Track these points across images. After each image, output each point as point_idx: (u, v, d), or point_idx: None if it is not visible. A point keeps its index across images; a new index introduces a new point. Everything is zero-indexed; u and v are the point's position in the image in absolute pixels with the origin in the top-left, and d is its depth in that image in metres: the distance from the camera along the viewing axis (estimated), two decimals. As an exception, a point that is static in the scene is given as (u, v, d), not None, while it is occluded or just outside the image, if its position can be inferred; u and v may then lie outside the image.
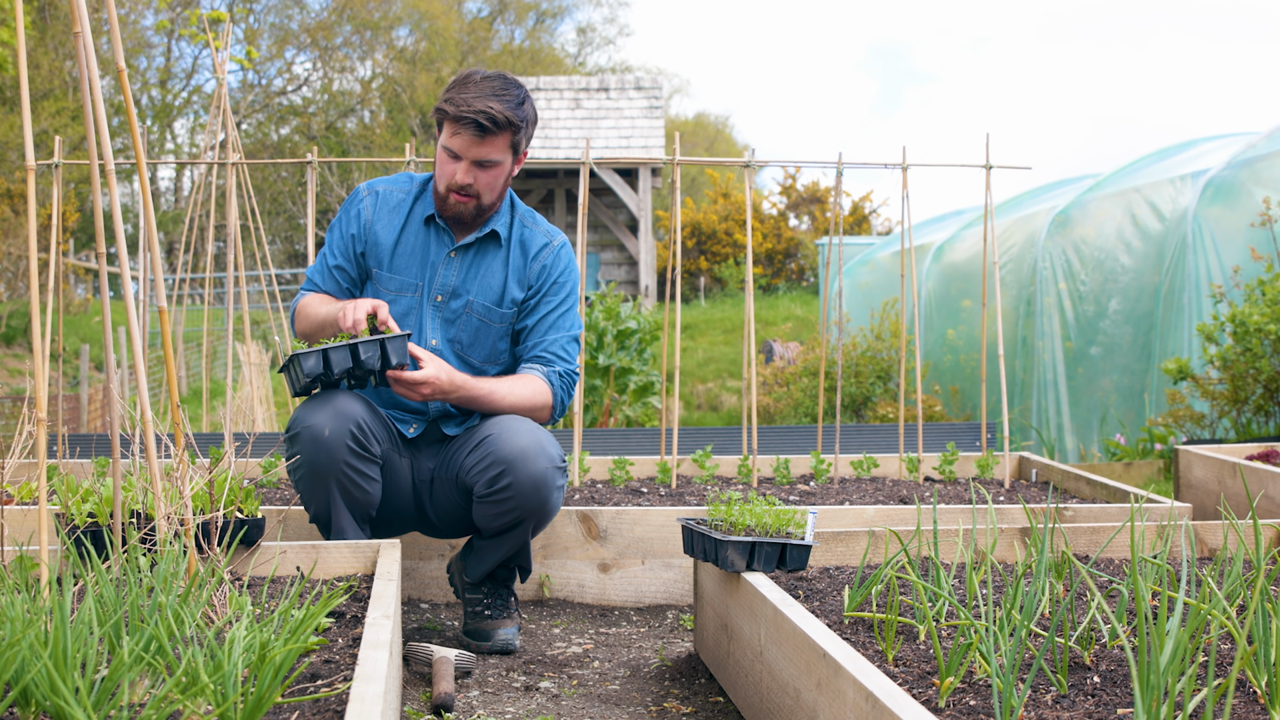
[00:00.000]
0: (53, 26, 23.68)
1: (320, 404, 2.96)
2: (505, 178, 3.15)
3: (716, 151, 36.53)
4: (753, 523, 2.60)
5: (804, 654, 2.03)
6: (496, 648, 3.06)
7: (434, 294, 3.19)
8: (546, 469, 2.95)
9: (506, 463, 2.93)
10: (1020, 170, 4.56)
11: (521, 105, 3.08)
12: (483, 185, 3.10)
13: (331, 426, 2.92)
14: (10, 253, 19.08)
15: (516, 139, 3.09)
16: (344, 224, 3.26)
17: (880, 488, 4.30)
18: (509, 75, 3.14)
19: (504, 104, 3.03)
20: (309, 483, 2.96)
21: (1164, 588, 2.11)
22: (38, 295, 2.23)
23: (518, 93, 3.08)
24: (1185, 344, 7.69)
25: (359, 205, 3.26)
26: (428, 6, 31.11)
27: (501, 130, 3.03)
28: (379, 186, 3.28)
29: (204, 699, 1.61)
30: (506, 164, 3.12)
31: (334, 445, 2.91)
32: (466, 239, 3.21)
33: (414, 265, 3.20)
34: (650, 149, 20.46)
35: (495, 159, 3.08)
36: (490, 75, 3.10)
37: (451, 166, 3.09)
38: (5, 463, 2.46)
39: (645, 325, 9.04)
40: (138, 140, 2.17)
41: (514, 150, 3.11)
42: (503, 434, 2.98)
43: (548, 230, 3.31)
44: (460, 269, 3.20)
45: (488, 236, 3.21)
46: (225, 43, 5.83)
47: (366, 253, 3.23)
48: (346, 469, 2.94)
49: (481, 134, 3.02)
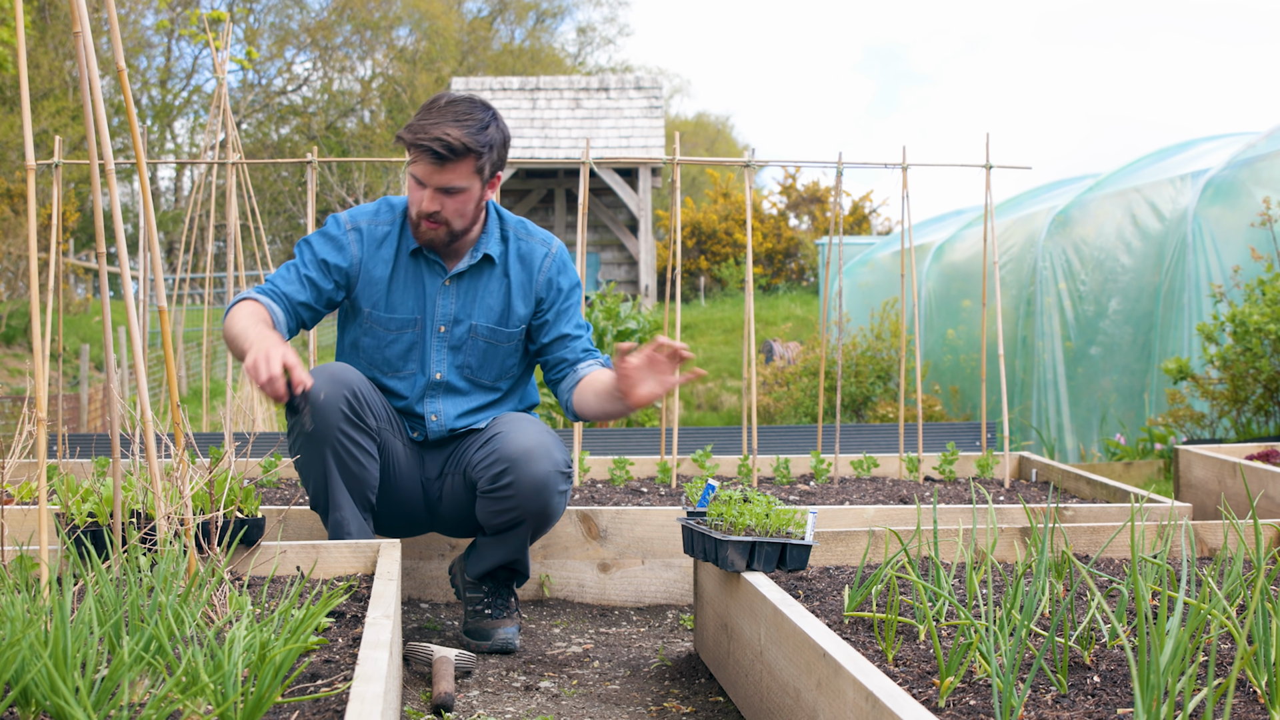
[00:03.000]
0: (53, 26, 23.68)
1: (319, 372, 3.00)
2: (475, 202, 3.07)
3: (716, 151, 36.53)
4: (753, 522, 2.60)
5: (804, 654, 2.03)
6: (496, 647, 3.06)
7: (437, 325, 3.16)
8: (549, 471, 2.95)
9: (510, 460, 2.94)
10: (1020, 170, 4.57)
11: (484, 130, 3.00)
12: (450, 212, 3.04)
13: (327, 391, 2.95)
14: (10, 252, 19.08)
15: (480, 164, 3.01)
16: (324, 249, 3.15)
17: (880, 487, 4.30)
18: (477, 99, 3.07)
19: (464, 130, 2.96)
20: (306, 453, 2.97)
21: (1164, 587, 2.11)
22: (38, 295, 2.23)
23: (482, 116, 3.01)
24: (1185, 344, 7.69)
25: (344, 238, 3.16)
26: (428, 6, 31.11)
27: (460, 157, 2.96)
28: (361, 223, 3.18)
29: (204, 699, 1.61)
30: (474, 189, 3.04)
31: (329, 410, 2.94)
32: (459, 267, 3.16)
33: (410, 300, 3.16)
34: (650, 149, 20.47)
35: (459, 185, 3.01)
36: (457, 99, 3.04)
37: (419, 193, 3.03)
38: (5, 462, 2.46)
39: (645, 325, 9.05)
40: (138, 140, 2.17)
41: (481, 174, 3.04)
42: (510, 432, 3.00)
43: (544, 238, 3.28)
44: (458, 296, 3.17)
45: (481, 262, 3.17)
46: (225, 43, 5.83)
47: (359, 292, 3.17)
48: (341, 436, 2.95)
49: (440, 161, 2.96)
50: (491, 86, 21.84)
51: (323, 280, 3.13)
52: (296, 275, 3.13)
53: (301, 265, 3.14)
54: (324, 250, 3.15)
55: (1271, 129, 8.04)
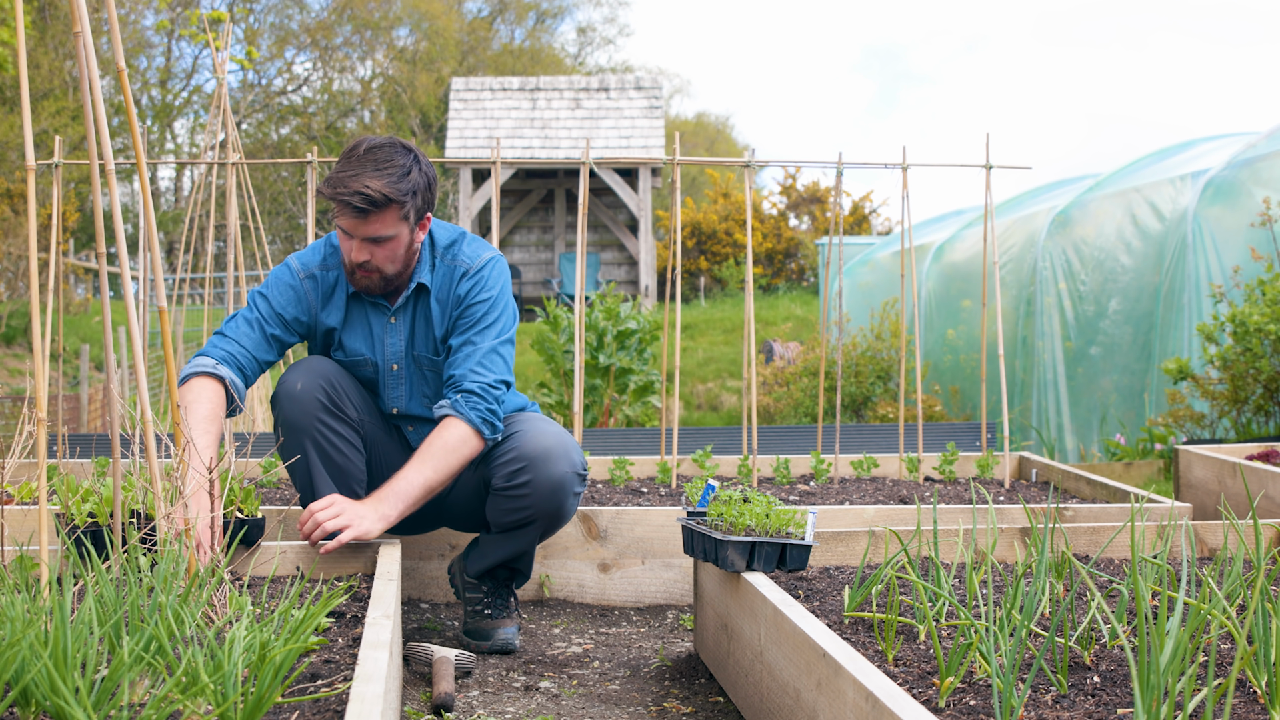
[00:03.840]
0: (53, 26, 23.68)
1: (298, 365, 3.05)
2: (406, 247, 3.01)
3: (716, 151, 36.53)
4: (753, 523, 2.60)
5: (804, 654, 2.03)
6: (496, 647, 3.06)
7: (389, 364, 3.14)
8: (567, 473, 2.96)
9: (528, 459, 2.94)
10: (1020, 170, 4.57)
11: (406, 177, 2.92)
12: (381, 259, 2.98)
13: (304, 382, 2.98)
14: (10, 253, 19.08)
15: (404, 211, 2.94)
16: (285, 304, 3.11)
17: (880, 488, 4.30)
18: (398, 143, 2.98)
19: (383, 180, 2.89)
20: (288, 444, 3.00)
21: (1164, 588, 2.11)
22: (38, 295, 2.23)
23: (403, 163, 2.93)
24: (1185, 344, 7.69)
25: (300, 288, 3.13)
26: (428, 6, 31.11)
27: (382, 208, 2.90)
28: (314, 270, 3.15)
29: (204, 699, 1.61)
30: (402, 235, 2.98)
31: (305, 400, 2.96)
32: (398, 301, 3.12)
33: (360, 342, 3.14)
34: (650, 149, 20.46)
35: (386, 234, 2.94)
36: (376, 145, 2.95)
37: (348, 243, 2.99)
38: (5, 463, 2.46)
39: (645, 325, 9.04)
40: (138, 140, 2.17)
41: (407, 220, 2.97)
42: (530, 432, 3.00)
43: (469, 256, 3.13)
44: (403, 330, 3.13)
45: (415, 291, 3.12)
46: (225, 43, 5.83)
47: (319, 339, 3.16)
48: (320, 425, 2.97)
49: (361, 215, 2.90)
50: (491, 86, 21.83)
51: (287, 336, 3.12)
52: (262, 335, 3.08)
53: (265, 322, 3.09)
54: (284, 304, 3.12)
55: (1271, 129, 8.04)
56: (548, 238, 23.05)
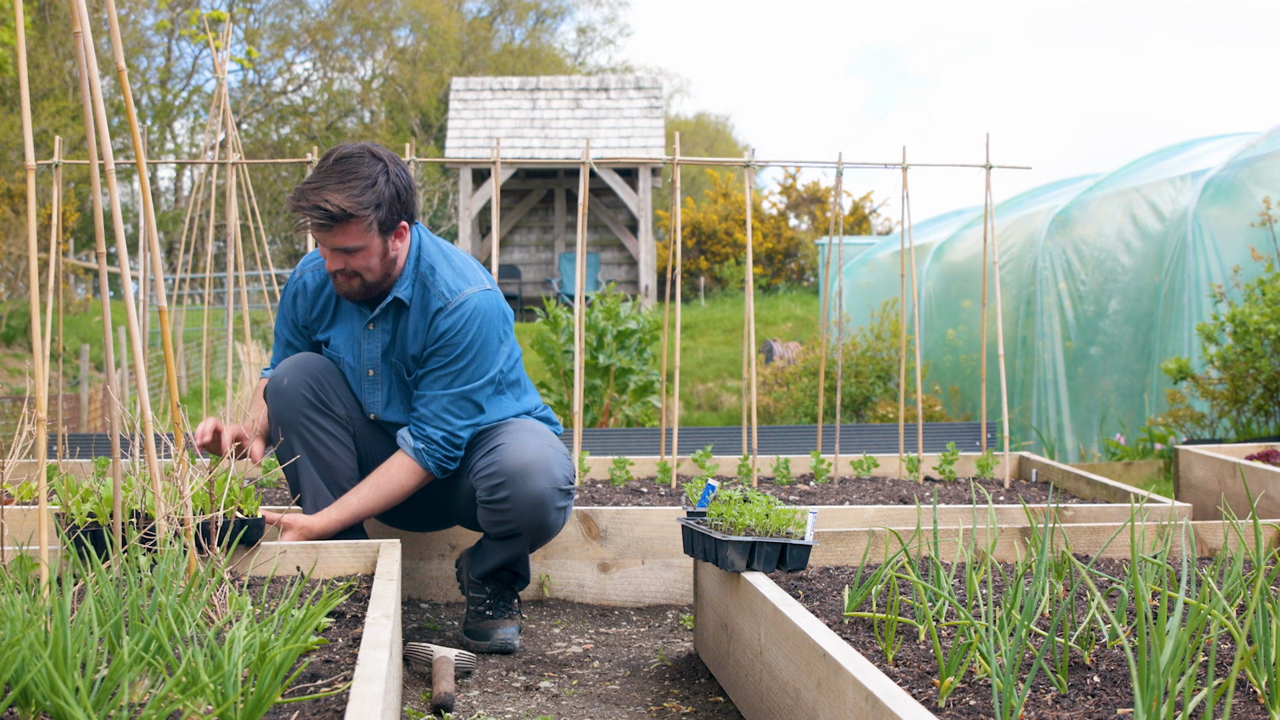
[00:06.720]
0: (53, 26, 23.68)
1: (288, 360, 3.11)
2: (380, 255, 2.97)
3: (716, 151, 36.53)
4: (753, 523, 2.60)
5: (804, 654, 2.03)
6: (496, 647, 3.06)
7: (365, 368, 3.15)
8: (546, 489, 2.93)
9: (507, 475, 2.92)
10: (1020, 170, 4.57)
11: (371, 188, 2.86)
12: (356, 266, 2.96)
13: (290, 377, 3.05)
14: (10, 253, 19.09)
15: (367, 223, 2.88)
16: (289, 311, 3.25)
17: (880, 488, 4.30)
18: (369, 151, 2.93)
19: (345, 194, 2.84)
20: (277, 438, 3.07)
21: (1164, 588, 2.11)
22: (38, 295, 2.23)
23: (369, 174, 2.87)
24: (1185, 344, 7.69)
25: (298, 295, 3.22)
26: (428, 6, 31.11)
27: (341, 222, 2.86)
28: (306, 278, 3.20)
29: (204, 699, 1.61)
30: (374, 244, 2.93)
31: (291, 395, 3.03)
32: (377, 310, 3.11)
33: (345, 344, 3.16)
34: (650, 149, 20.46)
35: (354, 245, 2.91)
36: (346, 156, 2.90)
37: (324, 251, 2.99)
38: (5, 463, 2.46)
39: (645, 325, 9.04)
40: (138, 140, 2.17)
41: (375, 229, 2.91)
42: (511, 444, 2.97)
43: (447, 289, 3.05)
44: (380, 338, 3.13)
45: (391, 304, 3.09)
46: (225, 43, 5.83)
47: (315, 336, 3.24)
48: (306, 421, 3.02)
49: (324, 228, 2.89)
50: (491, 86, 21.84)
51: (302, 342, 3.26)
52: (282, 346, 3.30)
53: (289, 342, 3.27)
54: (288, 314, 3.26)
55: (1271, 129, 8.04)
56: (548, 237, 23.05)
